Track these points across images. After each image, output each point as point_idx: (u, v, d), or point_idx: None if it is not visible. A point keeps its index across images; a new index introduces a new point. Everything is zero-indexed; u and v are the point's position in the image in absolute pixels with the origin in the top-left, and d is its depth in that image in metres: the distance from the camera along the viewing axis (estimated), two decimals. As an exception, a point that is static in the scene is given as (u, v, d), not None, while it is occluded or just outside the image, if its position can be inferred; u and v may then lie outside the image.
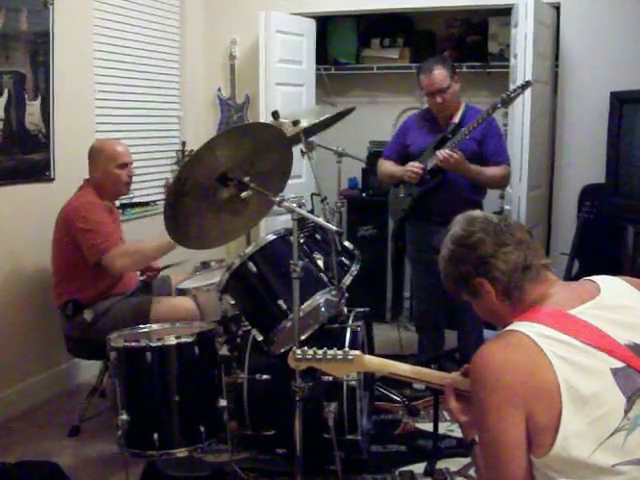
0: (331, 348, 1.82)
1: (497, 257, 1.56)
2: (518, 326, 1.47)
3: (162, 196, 4.71)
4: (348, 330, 2.93)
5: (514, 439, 1.39)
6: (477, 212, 1.68)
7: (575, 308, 1.48)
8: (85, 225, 3.15)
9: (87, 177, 3.41)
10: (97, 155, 3.35)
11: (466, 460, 3.00)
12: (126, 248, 3.20)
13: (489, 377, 1.41)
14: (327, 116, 3.45)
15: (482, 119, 3.47)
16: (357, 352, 1.79)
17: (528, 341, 1.42)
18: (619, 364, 1.41)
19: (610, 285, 1.56)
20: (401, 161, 3.80)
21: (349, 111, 3.61)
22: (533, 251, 1.59)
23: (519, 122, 4.24)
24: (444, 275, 1.68)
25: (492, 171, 3.66)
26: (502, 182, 3.86)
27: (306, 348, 1.81)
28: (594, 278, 1.60)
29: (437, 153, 3.56)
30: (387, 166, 3.90)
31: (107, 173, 3.32)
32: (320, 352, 1.79)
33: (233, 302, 2.89)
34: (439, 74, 3.61)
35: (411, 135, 3.84)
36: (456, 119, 3.70)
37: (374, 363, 1.80)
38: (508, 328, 1.49)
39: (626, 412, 1.39)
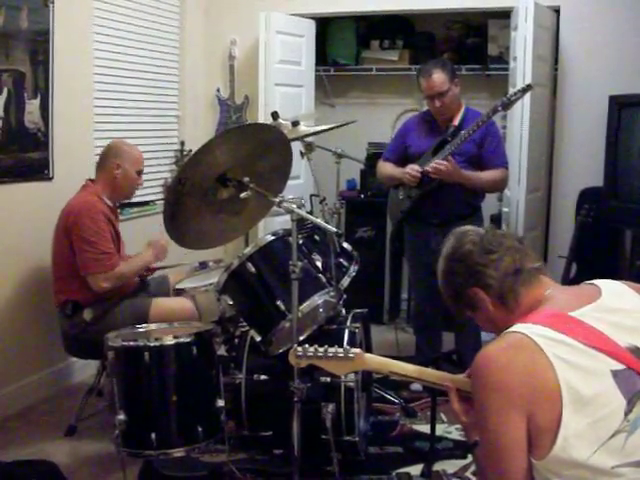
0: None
1: (486, 265, 1.59)
2: (519, 327, 1.47)
3: (160, 196, 4.71)
4: (346, 331, 2.92)
5: (515, 440, 1.39)
6: (468, 227, 1.72)
7: (576, 310, 1.49)
8: (84, 235, 3.14)
9: (90, 178, 3.41)
10: (124, 154, 3.35)
11: (463, 462, 3.00)
12: (115, 272, 3.19)
13: (490, 378, 1.42)
14: (326, 127, 3.43)
15: (482, 122, 3.48)
16: (358, 350, 1.79)
17: (529, 342, 1.42)
18: (619, 366, 1.41)
19: (611, 288, 1.57)
20: (401, 163, 3.80)
21: (348, 123, 3.62)
22: (524, 255, 1.61)
23: (518, 125, 4.25)
24: (443, 294, 1.72)
25: (488, 176, 3.66)
26: (499, 186, 3.85)
27: (307, 345, 1.81)
28: (595, 281, 1.61)
29: (426, 168, 3.57)
30: (386, 168, 3.90)
31: (128, 175, 3.35)
32: (321, 350, 1.79)
33: (231, 302, 2.89)
34: (438, 78, 3.60)
35: (411, 137, 3.84)
36: (456, 122, 3.70)
37: (375, 362, 1.81)
38: (509, 330, 1.50)
39: (626, 414, 1.39)
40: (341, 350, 1.79)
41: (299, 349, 1.81)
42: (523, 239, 1.68)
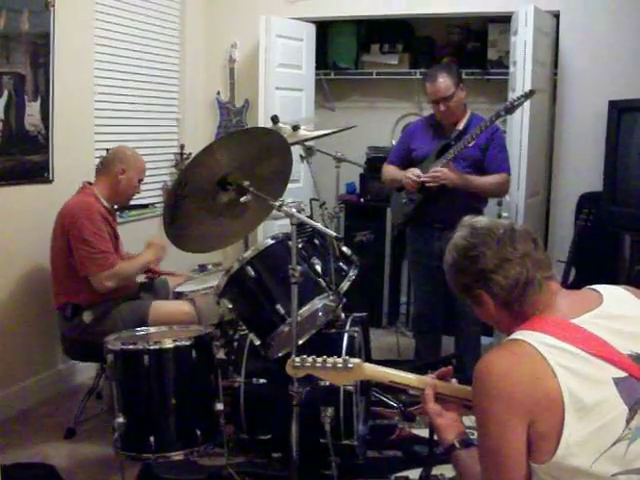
0: (328, 353, 1.80)
1: (497, 272, 1.54)
2: (522, 335, 1.47)
3: (160, 199, 4.71)
4: (345, 335, 2.92)
5: (515, 448, 1.39)
6: (482, 221, 1.64)
7: (578, 317, 1.48)
8: (82, 235, 3.15)
9: (87, 180, 3.42)
10: (130, 161, 3.39)
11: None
12: (115, 271, 3.19)
13: (493, 386, 1.41)
14: (326, 131, 3.43)
15: (485, 127, 3.48)
16: (357, 360, 1.77)
17: (532, 350, 1.41)
18: (621, 374, 1.41)
19: (612, 294, 1.56)
20: (405, 166, 3.81)
21: (348, 128, 3.63)
22: (537, 264, 1.56)
23: (518, 129, 4.25)
24: (449, 280, 1.68)
25: (488, 179, 3.66)
26: (499, 191, 3.84)
27: (305, 356, 1.79)
28: (596, 287, 1.60)
29: (423, 179, 3.60)
30: (390, 170, 3.91)
31: (131, 182, 3.40)
32: (319, 360, 1.76)
33: (231, 306, 2.89)
34: (443, 82, 3.62)
35: (415, 141, 3.85)
36: (460, 126, 3.71)
37: (374, 371, 1.79)
38: (512, 337, 1.49)
39: (628, 422, 1.39)
40: (340, 360, 1.76)
41: (297, 359, 1.78)
42: (537, 239, 1.61)
